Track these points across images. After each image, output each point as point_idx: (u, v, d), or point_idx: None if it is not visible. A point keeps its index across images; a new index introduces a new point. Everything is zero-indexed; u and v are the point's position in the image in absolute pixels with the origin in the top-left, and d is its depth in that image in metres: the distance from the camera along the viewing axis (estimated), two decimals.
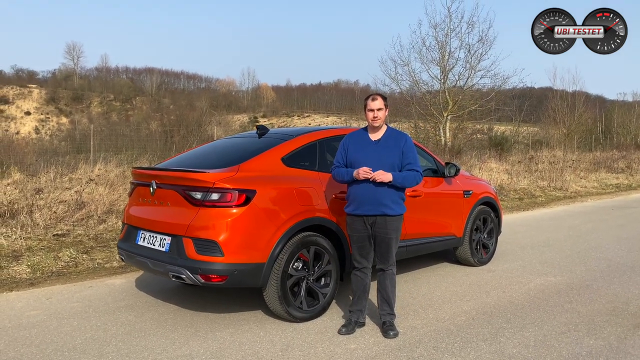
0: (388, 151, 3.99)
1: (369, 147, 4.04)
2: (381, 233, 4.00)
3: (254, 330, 4.09)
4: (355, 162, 4.00)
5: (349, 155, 4.07)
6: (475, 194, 6.09)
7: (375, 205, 3.94)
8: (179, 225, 4.04)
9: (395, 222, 4.02)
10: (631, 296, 4.99)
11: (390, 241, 4.02)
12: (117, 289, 5.29)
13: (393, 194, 3.98)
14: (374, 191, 3.93)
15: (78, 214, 8.25)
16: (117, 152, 19.22)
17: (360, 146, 4.06)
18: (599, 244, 7.51)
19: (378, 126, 4.06)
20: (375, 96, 4.06)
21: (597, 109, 44.37)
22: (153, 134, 45.54)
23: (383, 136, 4.07)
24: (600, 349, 3.74)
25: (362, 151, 4.02)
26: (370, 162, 3.95)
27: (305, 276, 4.33)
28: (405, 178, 3.99)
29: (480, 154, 20.23)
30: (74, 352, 3.68)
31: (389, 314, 4.10)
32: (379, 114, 4.00)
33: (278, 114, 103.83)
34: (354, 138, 4.14)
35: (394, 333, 3.98)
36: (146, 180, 4.44)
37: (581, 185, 16.02)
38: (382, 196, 3.93)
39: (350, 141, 4.13)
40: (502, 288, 5.30)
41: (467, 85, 24.61)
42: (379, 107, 4.01)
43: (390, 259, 4.07)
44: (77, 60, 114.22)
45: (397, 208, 4.01)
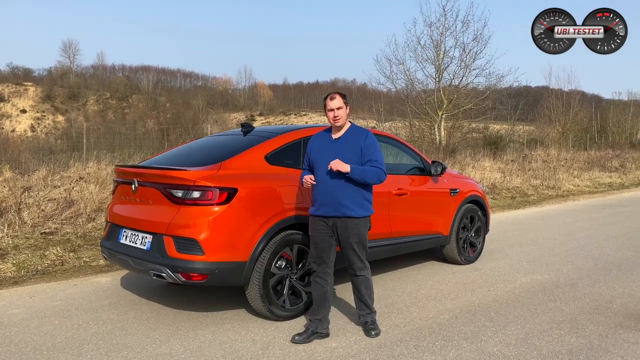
0: (346, 149, 3.83)
1: (328, 146, 3.90)
2: (343, 237, 3.84)
3: (236, 329, 4.08)
4: (315, 163, 3.90)
5: (311, 157, 3.96)
6: (462, 193, 6.09)
7: (335, 206, 3.78)
8: (160, 223, 4.02)
9: (356, 225, 3.82)
10: (615, 295, 5.00)
11: (353, 245, 3.84)
12: (102, 287, 5.27)
13: (355, 194, 3.81)
14: (333, 191, 3.78)
15: (67, 212, 8.21)
16: (111, 150, 19.21)
17: (321, 146, 3.93)
18: (587, 243, 7.52)
19: (340, 125, 3.90)
20: (334, 95, 3.90)
21: (592, 108, 44.48)
22: (149, 132, 45.55)
23: (344, 134, 3.93)
24: (580, 347, 3.74)
25: (321, 151, 3.89)
26: (328, 161, 3.79)
27: (289, 275, 4.32)
28: (365, 172, 3.76)
29: (475, 152, 20.24)
30: (53, 351, 3.66)
31: (368, 313, 4.01)
32: (340, 113, 3.85)
33: (275, 113, 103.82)
34: (316, 139, 4.04)
35: (375, 332, 3.93)
36: (128, 178, 4.42)
37: (574, 184, 16.06)
38: (342, 196, 3.77)
39: (312, 142, 4.03)
40: (487, 287, 5.29)
41: (462, 84, 24.67)
42: (339, 105, 3.85)
43: (356, 263, 3.91)
44: (73, 58, 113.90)
45: (359, 210, 3.82)
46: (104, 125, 55.29)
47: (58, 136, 60.23)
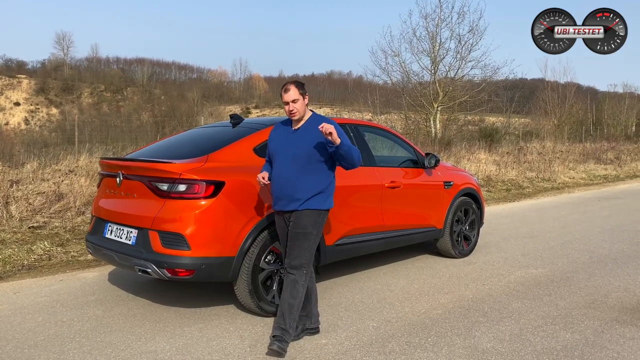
0: (305, 140, 3.52)
1: (287, 138, 3.62)
2: (292, 228, 3.53)
3: (224, 326, 3.98)
4: (273, 155, 3.64)
5: (270, 147, 3.71)
6: (456, 185, 5.99)
7: (289, 201, 3.51)
8: (145, 217, 3.91)
9: (307, 217, 3.50)
10: (611, 289, 4.93)
11: (294, 236, 3.51)
12: (88, 282, 5.16)
13: (312, 188, 3.50)
14: (288, 184, 3.51)
15: (56, 205, 8.09)
16: (103, 143, 19.02)
17: (280, 138, 3.67)
18: (583, 235, 7.46)
19: (297, 119, 3.60)
20: (288, 86, 3.54)
21: (588, 100, 44.46)
22: (144, 125, 45.27)
23: (303, 125, 3.60)
24: (576, 343, 3.66)
25: (280, 143, 3.63)
26: (286, 153, 3.55)
27: (278, 270, 4.22)
28: (352, 149, 3.43)
29: (470, 145, 20.14)
30: (35, 349, 3.56)
31: (282, 328, 3.46)
32: (296, 106, 3.52)
33: (271, 105, 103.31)
34: (276, 130, 3.76)
35: (272, 350, 3.38)
36: (113, 171, 4.30)
37: (569, 176, 16.01)
38: (298, 189, 3.48)
39: (272, 134, 3.77)
40: (481, 281, 5.21)
41: (457, 76, 24.55)
42: (294, 98, 3.51)
43: (292, 257, 3.52)
44: (67, 50, 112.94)
45: (313, 202, 3.50)
46: (98, 118, 54.95)
47: (52, 129, 59.84)
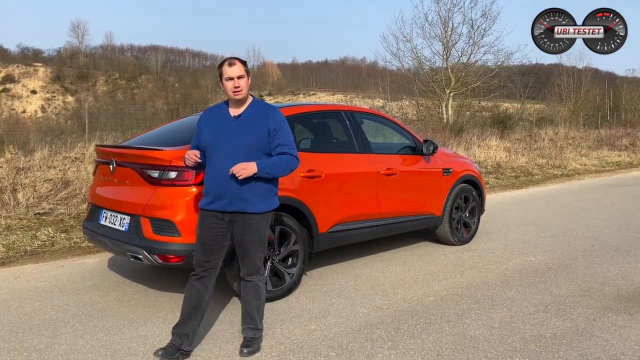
0: (250, 130, 3.18)
1: (226, 125, 3.20)
2: (238, 234, 3.22)
3: (216, 311, 4.03)
4: (210, 147, 3.19)
5: (204, 138, 3.22)
6: (455, 172, 5.94)
7: (233, 200, 3.14)
8: (136, 204, 3.95)
9: (256, 221, 3.21)
10: (609, 276, 4.88)
11: (248, 244, 3.23)
12: (88, 268, 5.24)
13: (259, 186, 3.18)
14: (232, 182, 3.12)
15: (62, 192, 8.20)
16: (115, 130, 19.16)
17: (217, 127, 3.21)
18: (587, 223, 7.37)
19: (241, 99, 3.21)
20: (233, 60, 3.17)
21: (605, 86, 43.67)
22: (158, 113, 45.52)
23: (245, 111, 3.24)
24: (565, 330, 3.64)
25: (218, 133, 3.19)
26: (227, 145, 3.15)
27: (270, 256, 4.24)
28: (275, 166, 3.16)
29: (482, 131, 19.93)
30: (29, 333, 3.63)
31: (253, 329, 3.35)
32: (241, 83, 3.16)
33: (284, 92, 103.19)
34: (210, 117, 3.30)
35: (249, 351, 3.26)
36: (107, 158, 4.35)
37: (581, 163, 15.79)
38: (243, 188, 3.14)
39: (204, 121, 3.29)
40: (478, 268, 5.19)
41: (470, 62, 24.27)
42: (240, 74, 3.15)
43: (248, 266, 3.29)
44: (82, 38, 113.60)
45: (261, 204, 3.20)
46: (113, 106, 55.32)
47: (68, 117, 60.47)
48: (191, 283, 3.27)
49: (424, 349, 3.37)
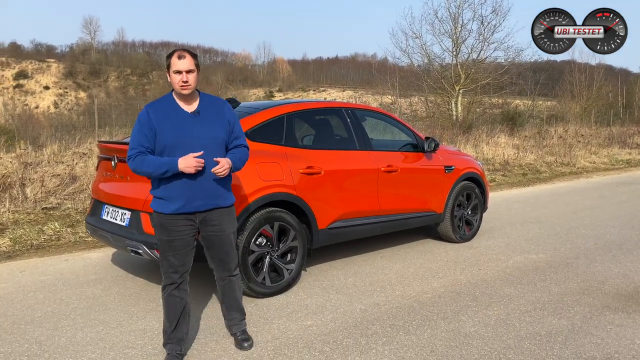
0: (214, 125, 3.07)
1: (186, 122, 3.02)
2: (218, 230, 3.14)
3: (214, 305, 4.08)
4: (176, 144, 2.96)
5: (163, 137, 2.97)
6: (457, 170, 5.94)
7: (209, 199, 3.06)
8: (137, 199, 4.00)
9: (230, 213, 3.21)
10: (610, 275, 4.86)
11: (229, 237, 3.20)
12: (92, 262, 5.32)
13: (228, 179, 3.14)
14: (207, 181, 3.02)
15: (70, 187, 8.31)
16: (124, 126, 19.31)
17: (175, 122, 3.00)
18: (592, 221, 7.33)
19: (188, 94, 3.04)
20: (184, 53, 2.98)
21: (619, 83, 43.17)
22: None
23: (200, 105, 3.09)
24: (561, 328, 3.64)
25: (179, 129, 2.99)
26: (193, 142, 2.98)
27: (269, 252, 4.28)
28: (240, 160, 3.15)
29: (491, 129, 19.82)
30: (31, 325, 3.71)
31: (242, 320, 3.40)
32: (190, 78, 2.98)
33: (294, 88, 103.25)
34: (159, 110, 3.03)
35: (249, 343, 3.33)
36: (109, 154, 4.40)
37: (590, 160, 15.67)
38: (218, 186, 3.09)
39: (157, 119, 2.99)
40: (478, 265, 5.19)
41: (480, 58, 24.13)
42: (189, 68, 2.98)
43: (234, 258, 3.29)
44: (94, 34, 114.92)
45: (230, 196, 3.20)
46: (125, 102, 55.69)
47: (80, 112, 61.03)
48: (170, 293, 3.12)
49: (418, 345, 3.39)
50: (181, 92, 3.01)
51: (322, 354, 3.27)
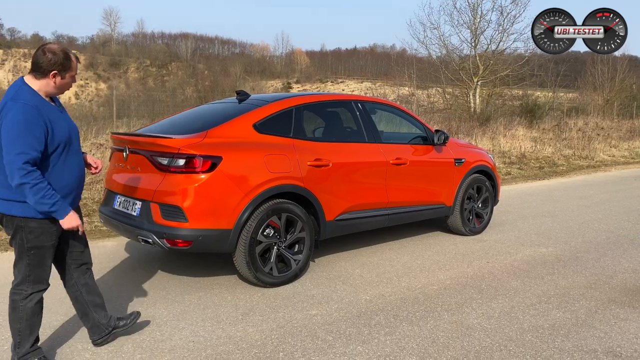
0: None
1: (63, 118, 2.92)
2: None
3: (222, 294, 4.16)
4: (67, 142, 2.87)
5: (59, 134, 2.82)
6: (468, 163, 5.93)
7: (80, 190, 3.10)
8: (147, 190, 4.09)
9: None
10: (619, 269, 4.83)
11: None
12: (106, 251, 5.45)
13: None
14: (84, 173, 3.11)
15: (87, 177, 8.48)
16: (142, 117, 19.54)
17: (61, 120, 2.88)
18: (606, 215, 7.26)
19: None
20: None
21: None
22: (188, 100, 46.00)
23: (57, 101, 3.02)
24: (564, 322, 3.64)
25: (66, 126, 2.89)
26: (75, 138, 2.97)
27: (277, 243, 4.35)
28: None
29: (510, 121, 19.58)
30: (45, 310, 3.82)
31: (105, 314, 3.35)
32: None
33: (312, 80, 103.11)
34: (44, 107, 2.78)
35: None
36: (121, 145, 4.50)
37: (610, 154, 15.43)
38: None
39: (48, 116, 2.77)
40: (486, 258, 5.20)
41: (499, 49, 23.83)
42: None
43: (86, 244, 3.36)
44: (114, 26, 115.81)
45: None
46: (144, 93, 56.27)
47: (100, 103, 61.81)
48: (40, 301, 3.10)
49: (419, 335, 3.43)
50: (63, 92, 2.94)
51: (324, 342, 3.33)
